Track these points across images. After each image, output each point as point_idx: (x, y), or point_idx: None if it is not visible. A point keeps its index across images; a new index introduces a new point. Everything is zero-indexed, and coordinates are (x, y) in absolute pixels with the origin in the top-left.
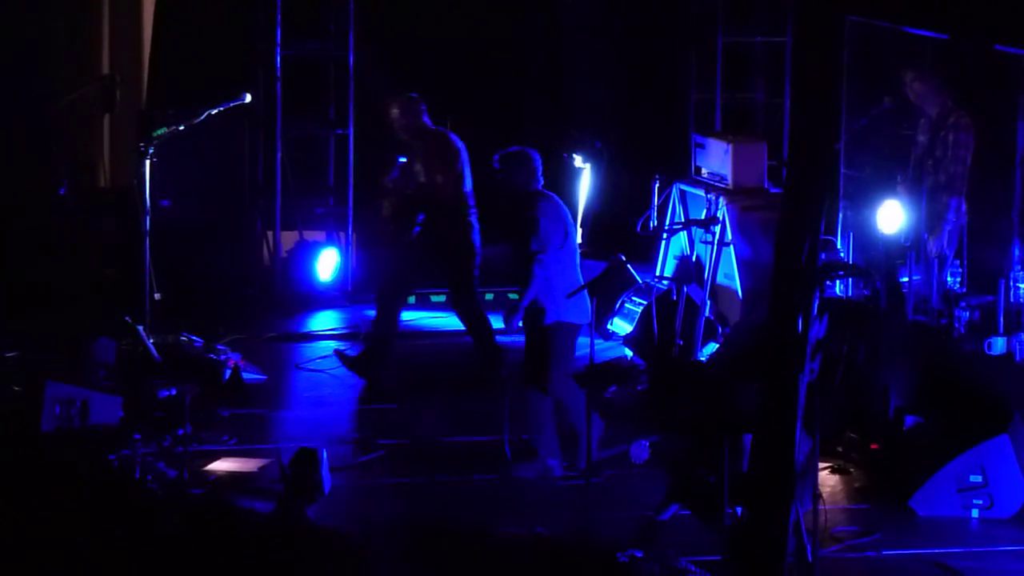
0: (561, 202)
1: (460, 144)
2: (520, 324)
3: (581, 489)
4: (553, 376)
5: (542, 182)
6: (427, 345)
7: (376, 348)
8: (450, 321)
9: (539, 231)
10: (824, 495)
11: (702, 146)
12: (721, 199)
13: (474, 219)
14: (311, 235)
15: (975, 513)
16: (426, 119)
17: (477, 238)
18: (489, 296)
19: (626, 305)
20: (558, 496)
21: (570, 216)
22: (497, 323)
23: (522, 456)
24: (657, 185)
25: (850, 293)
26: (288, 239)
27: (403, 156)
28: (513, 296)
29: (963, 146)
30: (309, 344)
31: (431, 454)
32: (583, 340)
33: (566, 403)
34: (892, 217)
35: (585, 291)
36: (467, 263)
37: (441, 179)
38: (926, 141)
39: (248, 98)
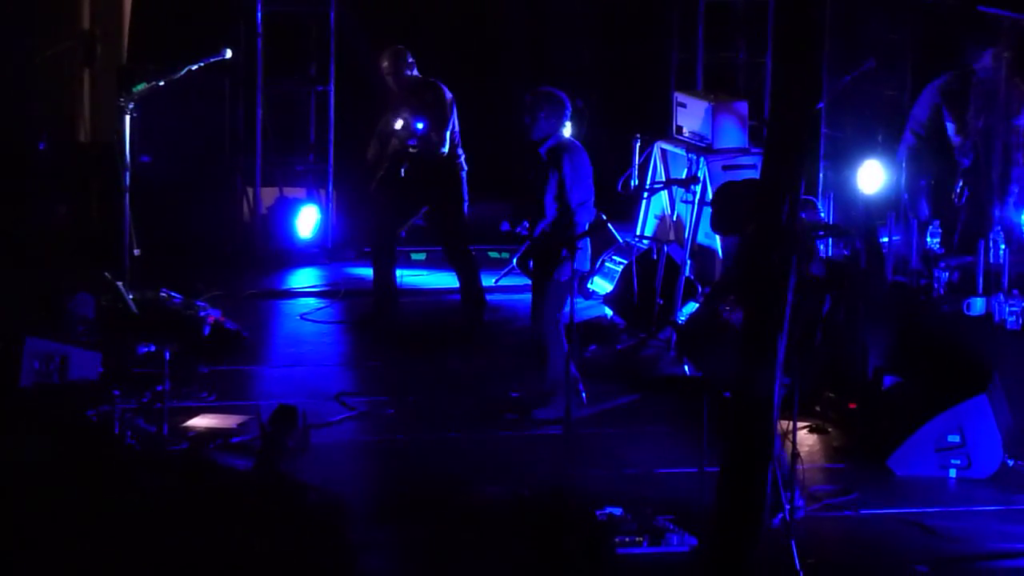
0: (586, 155)
1: (450, 95)
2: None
3: (560, 445)
4: (545, 319)
5: (565, 129)
6: (408, 304)
7: (381, 301)
8: (431, 279)
9: (568, 182)
10: (802, 454)
11: (683, 105)
12: (702, 158)
13: (463, 164)
14: (291, 192)
15: (953, 473)
16: (415, 70)
17: (466, 183)
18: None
19: (606, 264)
20: (537, 453)
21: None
22: (488, 280)
23: (537, 402)
24: (638, 144)
25: (830, 253)
26: (268, 196)
27: (391, 111)
28: (493, 255)
29: None
30: (289, 301)
31: (413, 412)
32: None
33: (546, 344)
34: (872, 177)
35: (587, 240)
36: (458, 203)
37: (435, 131)
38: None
39: (229, 54)
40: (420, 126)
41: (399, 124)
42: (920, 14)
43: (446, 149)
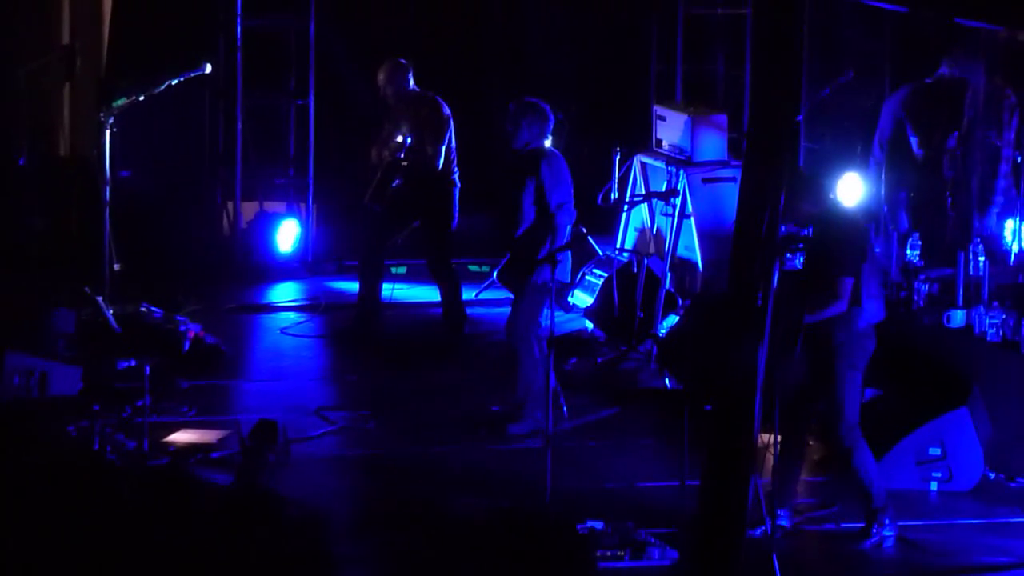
0: (564, 162)
1: (448, 110)
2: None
3: (541, 458)
4: (519, 325)
5: (546, 141)
6: (389, 317)
7: (365, 315)
8: (413, 292)
9: (548, 189)
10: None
11: (663, 118)
12: (682, 171)
13: (457, 180)
14: (271, 206)
15: (934, 486)
16: (413, 84)
17: (457, 197)
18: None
19: (587, 277)
20: (518, 466)
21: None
22: (468, 293)
23: (509, 418)
24: (618, 157)
25: None
26: (248, 210)
27: (390, 122)
28: (474, 268)
29: None
30: (269, 315)
31: (393, 425)
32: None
33: (519, 355)
34: (852, 190)
35: (568, 252)
36: (448, 220)
37: (431, 145)
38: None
39: (208, 68)
40: (400, 139)
41: (400, 139)
42: (898, 24)
43: (440, 164)
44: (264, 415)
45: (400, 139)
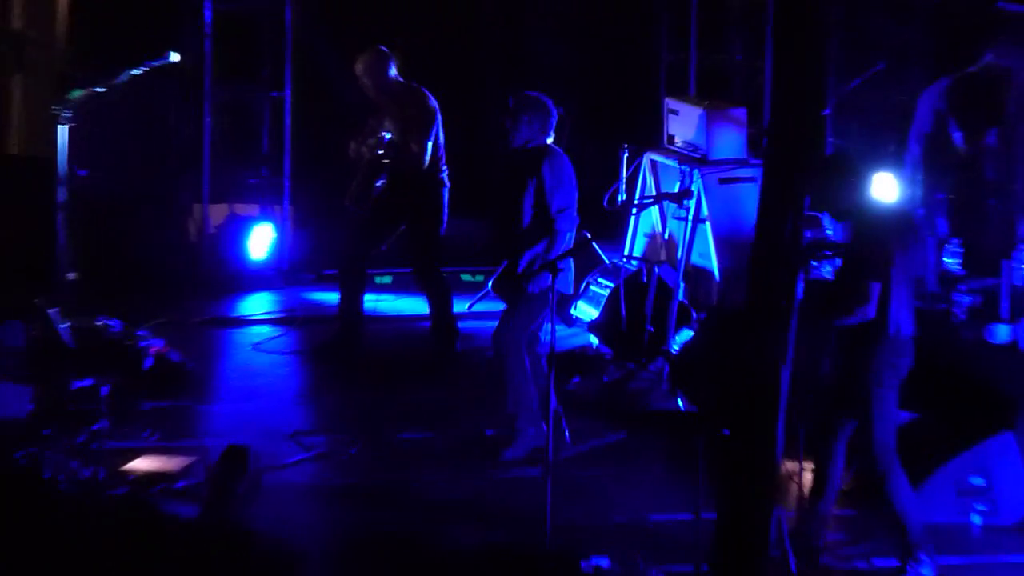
0: (568, 162)
1: (435, 102)
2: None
3: (540, 487)
4: (509, 335)
5: (549, 138)
6: (373, 331)
7: (347, 329)
8: (399, 304)
9: (550, 190)
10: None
11: (675, 112)
12: (696, 171)
13: (446, 179)
14: (243, 209)
15: (976, 519)
16: (396, 74)
17: (447, 201)
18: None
19: (591, 288)
20: (515, 496)
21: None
22: (461, 306)
23: (502, 443)
24: (625, 155)
25: None
26: (217, 213)
27: (375, 117)
28: (466, 277)
29: None
30: (240, 329)
31: (376, 452)
32: (543, 326)
33: (507, 367)
34: (884, 191)
35: (570, 260)
36: (436, 224)
37: (416, 141)
38: None
39: (175, 58)
40: (380, 134)
41: (379, 134)
42: (933, 11)
43: (427, 162)
44: (234, 440)
45: (380, 134)
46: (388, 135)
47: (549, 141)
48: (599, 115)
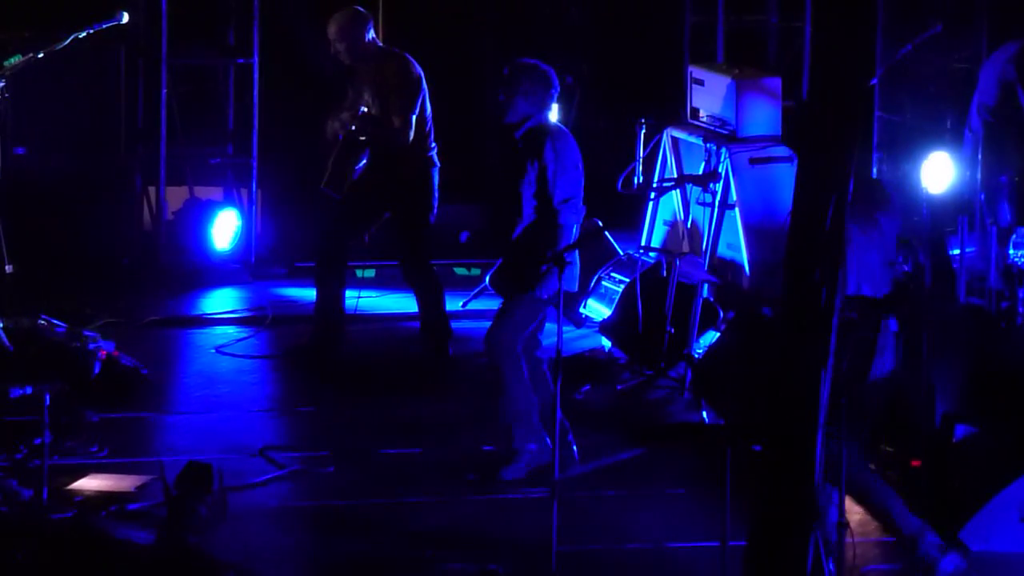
0: (574, 143)
1: (419, 69)
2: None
3: (545, 510)
4: (504, 336)
5: (550, 113)
6: (355, 332)
7: (325, 331)
8: (384, 302)
9: (552, 176)
10: (852, 524)
11: (700, 82)
12: (724, 149)
13: (435, 157)
14: (205, 192)
15: None
16: (374, 38)
17: (437, 180)
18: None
19: (603, 283)
20: (516, 520)
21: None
22: (454, 303)
23: (501, 460)
24: (643, 132)
25: None
26: (175, 197)
27: (354, 88)
28: (460, 271)
29: None
30: (202, 330)
31: (358, 470)
32: (549, 326)
33: (503, 373)
34: (940, 173)
35: (576, 253)
36: (425, 210)
37: (398, 114)
38: None
39: (125, 18)
40: (354, 107)
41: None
42: None
43: (410, 137)
44: (195, 457)
45: (355, 108)
46: (364, 108)
47: (551, 117)
48: (613, 85)
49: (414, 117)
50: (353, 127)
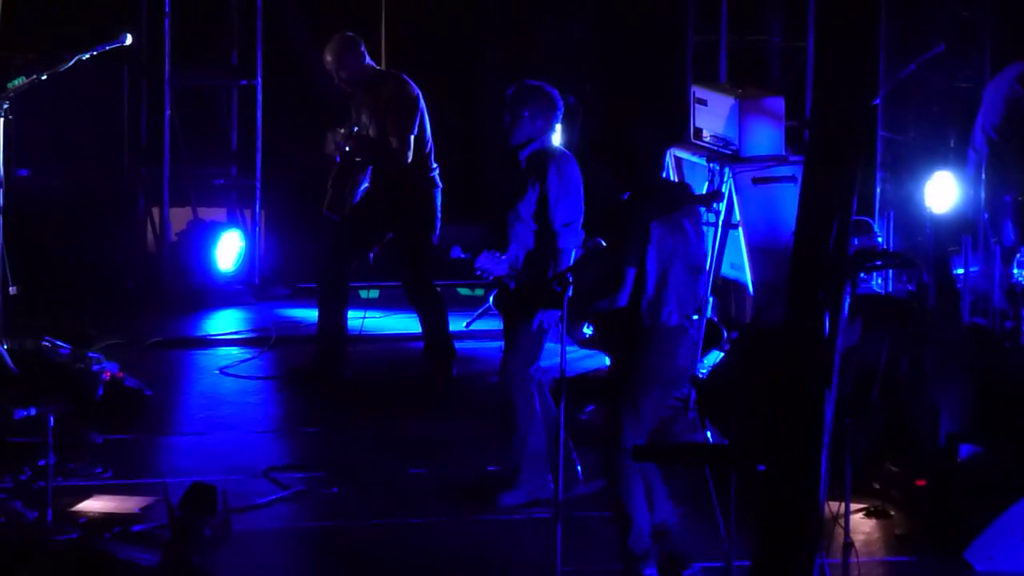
0: (576, 168)
1: (416, 90)
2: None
3: (549, 531)
4: (515, 368)
5: (554, 135)
6: (358, 353)
7: (328, 352)
8: (388, 322)
9: (554, 200)
10: (857, 544)
11: (703, 102)
12: (727, 169)
13: (437, 178)
14: (208, 213)
15: None
16: (369, 61)
17: (439, 204)
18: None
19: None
20: (520, 541)
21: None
22: (458, 324)
23: (501, 484)
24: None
25: (890, 288)
26: (179, 218)
27: (354, 109)
28: (465, 291)
29: None
30: (205, 351)
31: (361, 491)
32: (552, 346)
33: (513, 403)
34: (943, 192)
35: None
36: (427, 230)
37: (396, 135)
38: None
39: (128, 39)
40: (346, 129)
41: (346, 129)
42: None
43: (409, 158)
44: (199, 477)
45: (349, 129)
46: (356, 128)
47: (555, 139)
48: (616, 104)
49: (412, 137)
50: (347, 148)
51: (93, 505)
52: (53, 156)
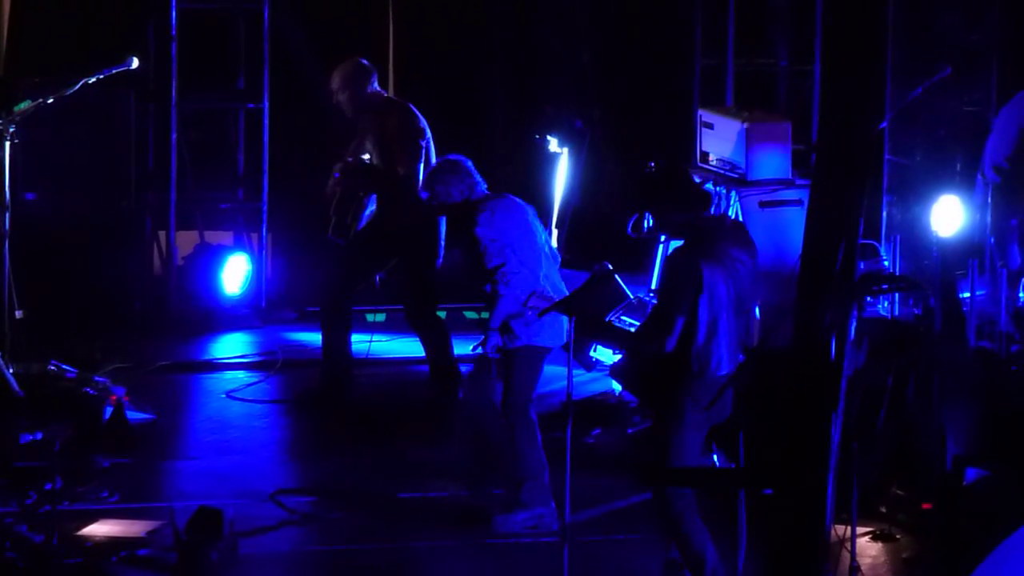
0: (511, 200)
1: (423, 121)
2: (497, 348)
3: (555, 555)
4: (516, 399)
5: (484, 185)
6: (364, 377)
7: (332, 375)
8: (393, 346)
9: (486, 248)
10: (863, 567)
11: (710, 126)
12: (734, 192)
13: None
14: (215, 237)
15: None
16: (377, 88)
17: (443, 230)
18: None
19: (614, 326)
20: (526, 566)
21: (529, 213)
22: (462, 348)
23: (504, 508)
24: None
25: (896, 312)
26: (186, 241)
27: (360, 135)
28: (471, 315)
29: None
30: (212, 375)
31: (367, 515)
32: (559, 370)
33: (515, 434)
34: (950, 216)
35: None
36: (431, 256)
37: (403, 163)
38: None
39: (135, 63)
40: (351, 157)
41: (351, 157)
42: (1007, 9)
43: (418, 187)
44: (205, 502)
45: (350, 158)
46: (351, 159)
47: (484, 189)
48: (624, 128)
49: (421, 166)
50: (344, 175)
51: (99, 529)
52: (60, 180)
